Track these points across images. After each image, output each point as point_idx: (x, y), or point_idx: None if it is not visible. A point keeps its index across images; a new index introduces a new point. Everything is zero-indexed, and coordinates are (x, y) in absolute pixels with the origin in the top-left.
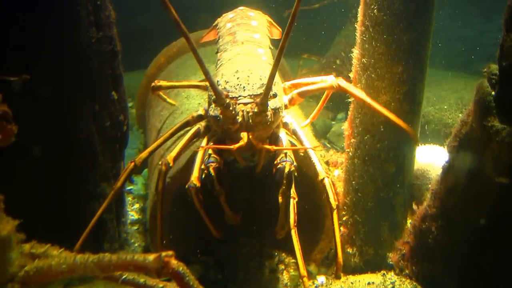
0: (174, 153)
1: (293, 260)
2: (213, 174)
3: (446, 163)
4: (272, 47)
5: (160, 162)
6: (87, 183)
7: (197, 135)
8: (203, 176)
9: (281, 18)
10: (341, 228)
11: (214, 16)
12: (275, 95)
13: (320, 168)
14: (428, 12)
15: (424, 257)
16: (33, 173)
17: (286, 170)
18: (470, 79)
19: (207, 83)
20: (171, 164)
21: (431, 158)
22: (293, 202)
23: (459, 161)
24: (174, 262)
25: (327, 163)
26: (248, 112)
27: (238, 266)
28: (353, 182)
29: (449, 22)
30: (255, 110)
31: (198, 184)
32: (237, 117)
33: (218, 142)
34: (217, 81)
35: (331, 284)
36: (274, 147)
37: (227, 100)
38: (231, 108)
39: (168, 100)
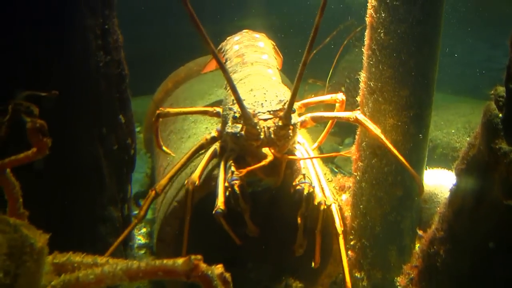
0: (198, 171)
1: (300, 285)
2: (238, 192)
3: (454, 186)
4: (279, 68)
5: (186, 182)
6: (94, 206)
7: (215, 156)
8: (227, 194)
9: (288, 47)
10: (349, 252)
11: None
12: (294, 111)
13: (328, 193)
14: (435, 36)
15: (433, 281)
16: (40, 195)
17: (305, 192)
18: (478, 104)
19: (216, 109)
20: (197, 183)
21: (439, 182)
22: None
23: (467, 183)
24: (203, 265)
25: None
26: (269, 128)
27: None
28: (361, 206)
29: (456, 47)
30: (279, 123)
31: (224, 209)
32: (260, 133)
33: (236, 160)
34: (232, 100)
35: None
36: (300, 158)
37: (255, 120)
38: (257, 127)
39: (165, 148)
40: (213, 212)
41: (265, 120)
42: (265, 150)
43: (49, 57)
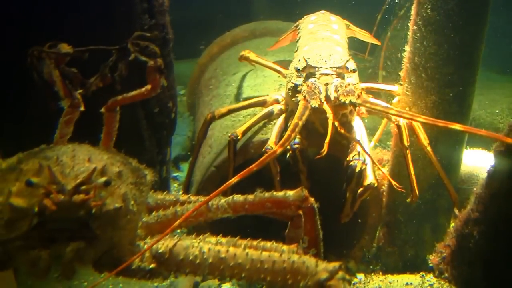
0: (244, 127)
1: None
2: (298, 156)
3: (492, 167)
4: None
5: (229, 135)
6: None
7: (269, 116)
8: (287, 156)
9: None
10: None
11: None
12: (355, 70)
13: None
14: (482, 14)
15: (465, 261)
16: None
17: (357, 169)
18: None
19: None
20: (239, 137)
21: (478, 162)
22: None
23: (505, 166)
24: (312, 198)
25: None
26: (327, 83)
27: None
28: (398, 182)
29: (507, 27)
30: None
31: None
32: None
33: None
34: (299, 60)
35: (369, 282)
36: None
37: (317, 74)
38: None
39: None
40: (263, 149)
41: (327, 75)
42: (325, 107)
43: (94, 20)
